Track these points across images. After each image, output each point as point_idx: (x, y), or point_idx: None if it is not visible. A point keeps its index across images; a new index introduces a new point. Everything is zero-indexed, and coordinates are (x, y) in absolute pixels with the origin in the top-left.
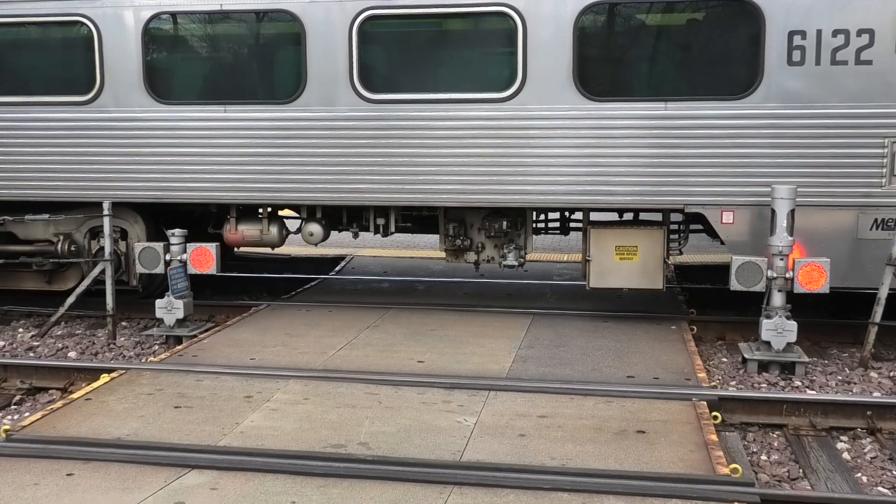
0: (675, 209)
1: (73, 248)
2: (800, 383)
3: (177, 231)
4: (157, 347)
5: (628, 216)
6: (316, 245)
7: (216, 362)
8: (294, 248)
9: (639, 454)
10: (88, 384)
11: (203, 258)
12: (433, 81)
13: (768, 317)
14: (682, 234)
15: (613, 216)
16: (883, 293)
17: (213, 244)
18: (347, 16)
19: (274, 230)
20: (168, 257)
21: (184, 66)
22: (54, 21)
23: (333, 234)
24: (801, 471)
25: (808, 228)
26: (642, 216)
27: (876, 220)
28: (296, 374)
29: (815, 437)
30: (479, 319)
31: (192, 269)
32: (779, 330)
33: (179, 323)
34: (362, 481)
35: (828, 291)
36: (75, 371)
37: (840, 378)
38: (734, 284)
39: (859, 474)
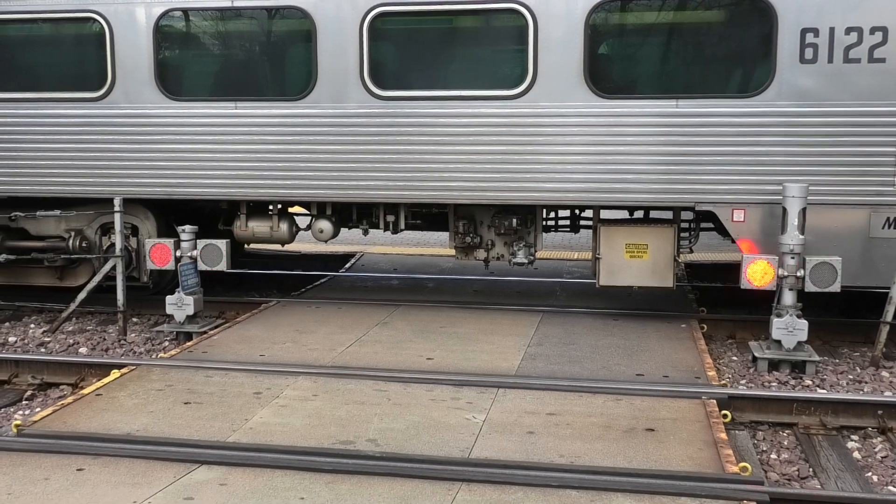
0: (685, 207)
1: (84, 245)
2: (810, 382)
3: (187, 227)
4: (167, 343)
5: (639, 214)
6: (326, 242)
7: (226, 358)
8: (304, 245)
9: (648, 452)
10: (99, 380)
11: (212, 255)
12: (444, 78)
13: (779, 315)
14: (692, 233)
15: (624, 214)
16: (895, 292)
17: (224, 241)
18: (358, 12)
19: (284, 227)
20: (178, 254)
21: (195, 62)
22: (66, 17)
23: (343, 231)
24: (810, 470)
25: (819, 227)
26: (653, 214)
27: (888, 218)
28: (305, 371)
29: (825, 436)
30: (488, 317)
31: (202, 266)
32: (789, 328)
33: (189, 319)
34: (371, 478)
35: (839, 290)
36: (86, 367)
37: (851, 377)
38: (745, 283)
39: (870, 473)
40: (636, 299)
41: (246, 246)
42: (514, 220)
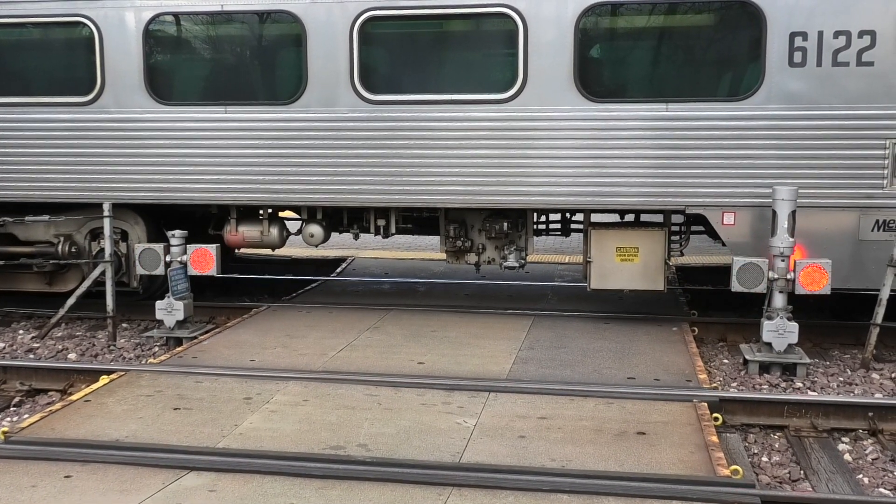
0: (676, 210)
1: (73, 250)
2: (801, 384)
3: (177, 232)
4: (156, 349)
5: (629, 217)
6: (317, 246)
7: (216, 364)
8: (295, 249)
9: (639, 455)
10: (88, 386)
11: (203, 259)
12: (434, 82)
13: (769, 318)
14: (683, 236)
15: (614, 217)
16: (884, 294)
17: (214, 245)
18: (348, 17)
19: (274, 231)
20: (168, 258)
21: (185, 66)
22: (55, 22)
23: (334, 235)
24: (802, 472)
25: (809, 230)
26: (643, 217)
27: (877, 221)
28: (295, 376)
29: (816, 439)
30: (479, 321)
31: (192, 271)
32: (780, 331)
33: (179, 324)
34: (361, 483)
35: (829, 293)
36: (75, 373)
37: (841, 379)
38: (735, 286)
39: (861, 475)
40: (627, 302)
41: (236, 251)
42: (505, 224)
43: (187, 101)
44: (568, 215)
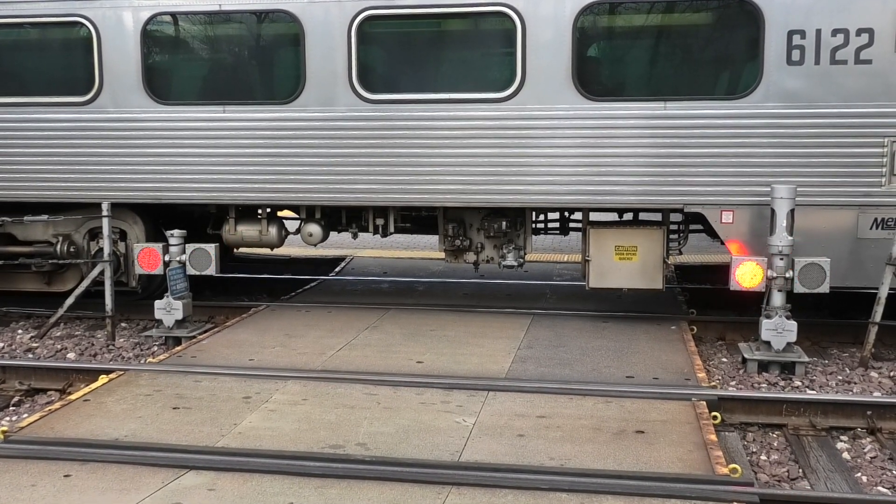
0: (674, 209)
1: (72, 249)
2: (800, 383)
3: (176, 232)
4: (155, 348)
5: (628, 216)
6: (315, 246)
7: (215, 363)
8: (294, 248)
9: (638, 454)
10: (87, 385)
11: (201, 259)
12: (432, 81)
13: (768, 317)
14: (681, 234)
15: (613, 216)
16: (883, 293)
17: (213, 245)
18: (346, 16)
19: (273, 231)
20: (167, 258)
21: (183, 66)
22: (53, 22)
23: (333, 234)
24: (800, 471)
25: (807, 228)
26: (642, 216)
27: (876, 219)
28: (294, 375)
29: (814, 437)
30: (478, 320)
31: (191, 270)
32: (779, 330)
33: (178, 324)
34: (360, 482)
35: (828, 291)
36: (74, 372)
37: (840, 378)
38: (734, 284)
39: (859, 474)
40: (626, 301)
41: (235, 250)
42: (504, 223)
43: (185, 101)
44: (566, 214)
